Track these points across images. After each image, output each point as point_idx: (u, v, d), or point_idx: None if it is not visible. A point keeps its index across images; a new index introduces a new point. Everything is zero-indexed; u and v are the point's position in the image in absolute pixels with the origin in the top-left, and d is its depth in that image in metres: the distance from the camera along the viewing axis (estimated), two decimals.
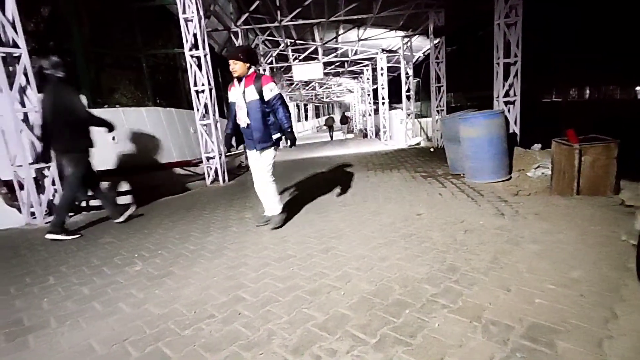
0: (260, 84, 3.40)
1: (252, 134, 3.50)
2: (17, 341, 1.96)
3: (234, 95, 3.53)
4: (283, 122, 3.45)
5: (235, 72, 3.40)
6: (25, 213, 4.85)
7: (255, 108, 3.42)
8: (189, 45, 6.91)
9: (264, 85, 3.40)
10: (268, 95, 3.40)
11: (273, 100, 3.41)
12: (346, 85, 28.93)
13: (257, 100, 3.40)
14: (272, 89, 3.40)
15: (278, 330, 1.82)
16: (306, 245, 3.13)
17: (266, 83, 3.41)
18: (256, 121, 3.44)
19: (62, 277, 2.88)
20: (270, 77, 3.48)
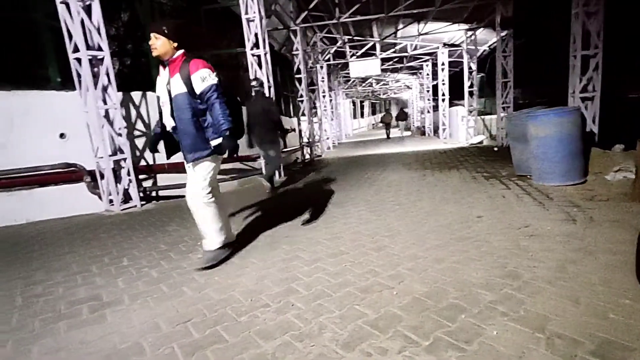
0: (187, 71, 2.56)
1: (180, 141, 2.72)
2: (96, 314, 2.19)
3: (158, 87, 2.74)
4: (219, 122, 2.54)
5: (155, 49, 2.60)
6: (105, 200, 5.38)
7: (182, 105, 2.60)
8: (250, 44, 7.18)
9: (192, 73, 2.55)
10: (199, 86, 2.55)
11: (206, 92, 2.55)
12: (404, 82, 28.23)
13: (185, 94, 2.57)
14: (204, 78, 2.55)
15: (329, 324, 1.85)
16: (359, 242, 3.13)
17: (196, 70, 2.54)
18: (184, 122, 2.62)
19: (135, 259, 3.16)
20: (202, 61, 2.61)
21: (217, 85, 2.57)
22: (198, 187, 2.71)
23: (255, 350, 1.68)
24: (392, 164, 8.81)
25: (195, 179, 2.72)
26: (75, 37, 4.89)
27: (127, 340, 1.86)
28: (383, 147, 14.71)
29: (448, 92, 15.80)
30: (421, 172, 6.84)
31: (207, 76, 2.56)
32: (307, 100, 11.13)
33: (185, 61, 2.59)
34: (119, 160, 5.36)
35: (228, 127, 2.55)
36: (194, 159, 2.67)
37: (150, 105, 6.21)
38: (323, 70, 15.58)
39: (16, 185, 4.99)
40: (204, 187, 2.71)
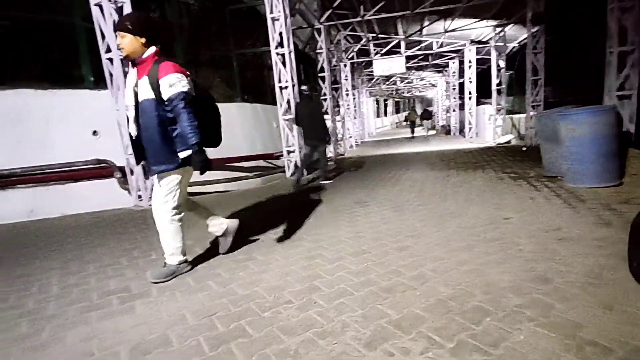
0: (156, 74, 2.31)
1: (145, 150, 2.48)
2: (126, 305, 2.28)
3: (127, 90, 2.51)
4: (187, 134, 2.29)
5: (122, 49, 2.39)
6: (134, 196, 5.56)
7: (148, 112, 2.36)
8: (274, 43, 7.24)
9: (160, 78, 2.29)
10: (166, 92, 2.30)
11: (173, 100, 2.29)
12: (429, 80, 27.77)
13: (152, 101, 2.34)
14: (172, 83, 2.29)
15: (351, 323, 1.86)
16: (381, 242, 3.11)
17: (165, 74, 2.29)
18: (150, 131, 2.39)
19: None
20: (174, 64, 2.36)
21: (185, 94, 2.31)
22: (162, 201, 2.51)
23: (278, 345, 1.71)
24: (416, 163, 8.70)
25: (160, 193, 2.51)
26: (107, 38, 5.07)
27: (155, 331, 1.92)
28: (407, 146, 14.54)
29: (475, 90, 15.44)
30: (445, 172, 6.72)
31: (176, 82, 2.29)
32: (330, 99, 11.12)
33: (156, 62, 2.35)
34: None
35: (196, 140, 2.29)
36: (159, 172, 2.46)
37: None
38: (347, 68, 15.53)
39: (52, 180, 5.24)
40: (169, 202, 2.51)
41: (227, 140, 7.36)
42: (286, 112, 7.51)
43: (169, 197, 2.51)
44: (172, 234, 2.59)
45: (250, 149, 7.85)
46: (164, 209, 2.53)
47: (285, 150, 7.69)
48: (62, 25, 5.89)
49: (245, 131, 7.85)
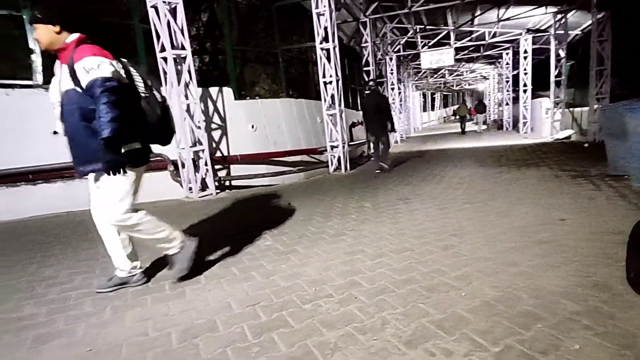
0: (72, 60, 2.04)
1: (70, 149, 2.24)
2: (177, 290, 2.42)
3: (51, 85, 2.22)
4: (99, 125, 1.96)
5: (40, 43, 2.15)
6: (185, 188, 5.87)
7: (69, 104, 2.11)
8: (319, 38, 7.27)
9: (76, 62, 2.02)
10: (84, 79, 2.01)
11: (91, 88, 1.99)
12: (480, 72, 26.50)
13: (73, 91, 2.08)
14: (89, 68, 1.99)
15: (392, 320, 1.84)
16: (425, 240, 3.04)
17: (80, 58, 2.02)
18: (73, 127, 2.14)
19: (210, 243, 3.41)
20: (93, 47, 2.10)
21: (106, 79, 1.98)
22: (103, 205, 2.25)
23: (318, 337, 1.74)
24: (464, 159, 8.38)
25: (100, 196, 2.25)
26: (162, 38, 5.37)
27: (202, 316, 2.03)
28: (454, 142, 14.02)
29: (530, 83, 14.52)
30: (496, 169, 6.41)
31: (93, 66, 1.99)
32: None
33: (75, 49, 2.08)
34: (198, 151, 5.81)
35: (107, 134, 1.94)
36: (86, 173, 2.21)
37: (225, 99, 6.62)
38: (392, 62, 15.23)
39: None
40: (113, 206, 2.21)
41: (272, 135, 7.54)
42: (330, 107, 7.53)
43: (113, 201, 2.20)
44: (116, 241, 2.35)
45: (294, 144, 7.96)
46: (106, 213, 2.24)
47: (329, 145, 7.72)
48: (123, 27, 6.30)
49: (290, 126, 7.97)
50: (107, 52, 2.14)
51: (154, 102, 2.28)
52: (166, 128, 2.40)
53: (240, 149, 6.83)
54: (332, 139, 7.70)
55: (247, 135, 7.02)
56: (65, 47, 2.12)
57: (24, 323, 2.08)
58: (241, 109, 6.98)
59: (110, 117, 1.95)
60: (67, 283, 2.65)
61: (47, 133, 5.19)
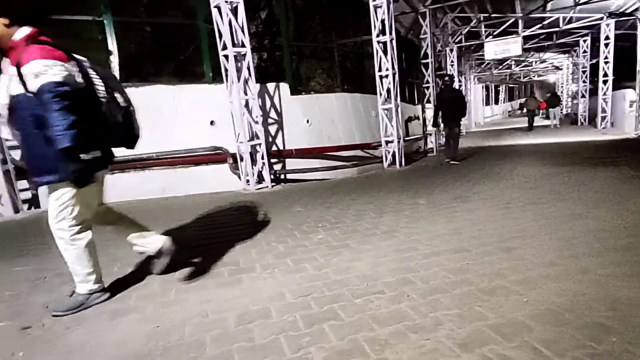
0: (20, 62, 1.83)
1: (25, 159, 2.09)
2: (235, 277, 2.55)
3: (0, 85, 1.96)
4: (54, 135, 1.79)
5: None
6: (243, 180, 6.13)
7: (19, 109, 1.89)
8: (376, 31, 7.16)
9: (24, 65, 1.80)
10: (33, 83, 1.80)
11: (41, 93, 1.79)
12: (552, 62, 24.41)
13: (23, 95, 1.85)
14: (38, 73, 1.78)
15: (446, 321, 1.79)
16: (483, 240, 2.90)
17: (27, 60, 1.80)
18: (25, 133, 1.94)
19: (265, 234, 3.54)
20: (43, 48, 1.85)
21: (56, 83, 1.79)
22: (55, 219, 2.05)
23: (369, 333, 1.74)
24: (530, 156, 7.81)
25: (51, 208, 2.04)
26: (224, 36, 5.61)
27: (257, 303, 2.12)
28: (520, 138, 13.11)
29: (612, 73, 13.10)
30: (567, 168, 5.90)
31: (42, 71, 1.78)
32: (433, 87, 10.60)
33: (25, 47, 1.86)
34: (255, 145, 6.02)
35: (65, 144, 1.79)
36: (41, 184, 2.01)
37: (282, 95, 6.78)
38: (453, 53, 14.57)
39: (178, 164, 6.06)
40: (64, 220, 2.04)
41: (326, 130, 7.59)
42: (385, 101, 7.40)
43: (63, 213, 2.03)
44: (74, 258, 2.11)
45: (348, 139, 7.95)
46: (59, 228, 2.06)
47: (384, 140, 7.61)
48: (189, 27, 6.69)
49: (344, 121, 7.96)
50: (61, 52, 1.91)
51: (114, 106, 2.10)
52: (129, 134, 2.24)
53: (295, 143, 6.97)
54: (387, 134, 7.57)
55: (302, 130, 7.14)
56: (14, 45, 1.88)
57: None
58: (297, 104, 7.11)
59: (67, 124, 1.79)
60: (138, 265, 2.89)
61: None
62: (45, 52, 1.84)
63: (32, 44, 1.86)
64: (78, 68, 1.95)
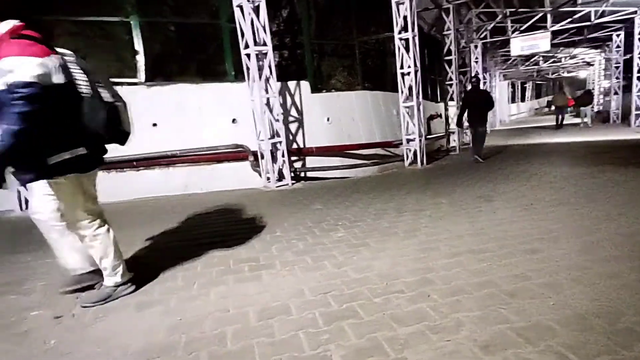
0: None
1: None
2: (255, 273, 2.58)
3: None
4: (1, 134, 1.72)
5: None
6: (263, 178, 6.19)
7: (2, 105, 1.78)
8: (398, 28, 7.08)
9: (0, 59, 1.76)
10: (3, 80, 1.74)
11: (5, 92, 1.73)
12: (583, 57, 23.45)
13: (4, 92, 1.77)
14: (8, 70, 1.73)
15: (467, 323, 1.76)
16: (507, 242, 2.83)
17: (4, 55, 1.76)
18: None
19: (285, 231, 3.57)
20: (20, 42, 1.81)
21: (24, 84, 1.73)
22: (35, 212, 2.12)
23: (388, 332, 1.73)
24: (558, 155, 7.56)
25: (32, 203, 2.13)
26: (246, 35, 5.68)
27: (277, 299, 2.14)
28: (548, 136, 12.69)
29: None
30: (598, 168, 5.67)
31: (12, 68, 1.73)
32: (456, 84, 10.39)
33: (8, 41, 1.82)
34: (276, 143, 6.07)
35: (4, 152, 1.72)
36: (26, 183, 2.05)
37: (303, 93, 6.80)
38: (477, 49, 14.23)
39: (201, 161, 6.18)
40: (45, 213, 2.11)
41: (347, 128, 7.56)
42: (407, 99, 7.31)
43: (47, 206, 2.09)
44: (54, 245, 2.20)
45: (368, 137, 7.90)
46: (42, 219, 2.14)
47: (405, 138, 7.53)
48: (212, 27, 6.79)
49: (365, 119, 7.91)
50: (41, 46, 1.85)
51: (97, 103, 2.03)
52: (115, 130, 2.16)
53: (316, 141, 6.98)
54: (409, 132, 7.48)
55: (323, 128, 7.14)
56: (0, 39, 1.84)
57: None
58: (317, 102, 7.11)
59: (9, 132, 1.71)
60: (161, 260, 2.97)
61: (149, 125, 5.85)
62: (21, 47, 1.79)
63: (15, 38, 1.82)
64: (59, 63, 1.88)
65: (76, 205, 2.13)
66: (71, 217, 2.15)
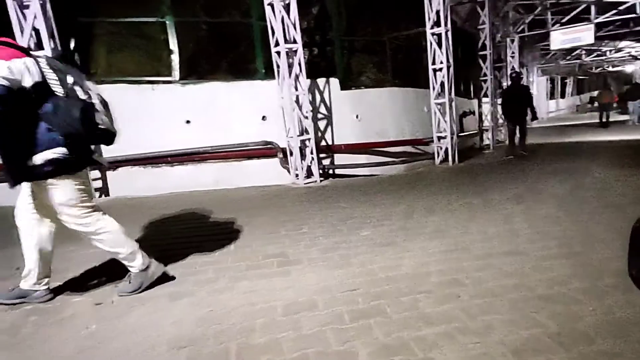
0: None
1: None
2: (282, 268, 2.62)
3: None
4: None
5: None
6: (292, 174, 6.24)
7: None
8: (430, 23, 6.92)
9: None
10: None
11: None
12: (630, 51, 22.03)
13: None
14: None
15: (498, 326, 1.71)
16: (543, 244, 2.72)
17: None
18: None
19: (312, 228, 3.58)
20: None
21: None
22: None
23: (416, 332, 1.71)
24: (602, 154, 7.16)
25: None
26: (276, 33, 5.73)
27: (304, 295, 2.16)
28: (591, 134, 12.01)
29: None
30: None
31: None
32: (491, 80, 10.04)
33: None
34: (305, 140, 6.10)
35: None
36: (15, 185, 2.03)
37: (332, 90, 6.80)
38: (514, 44, 13.66)
39: (231, 157, 6.31)
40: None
41: (376, 125, 7.49)
42: (439, 96, 7.15)
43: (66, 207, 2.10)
44: None
45: (398, 134, 7.78)
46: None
47: (436, 136, 7.37)
48: (243, 25, 6.90)
49: (394, 116, 7.80)
50: (12, 50, 1.91)
51: (71, 102, 2.00)
52: (95, 128, 2.09)
53: (344, 139, 6.96)
54: (440, 130, 7.32)
55: (351, 125, 7.10)
56: None
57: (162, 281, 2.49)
58: (346, 99, 7.08)
59: None
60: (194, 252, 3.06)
61: (182, 122, 6.04)
62: None
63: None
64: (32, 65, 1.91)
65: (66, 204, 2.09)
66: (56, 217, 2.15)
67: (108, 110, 2.20)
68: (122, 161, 5.77)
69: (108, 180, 5.79)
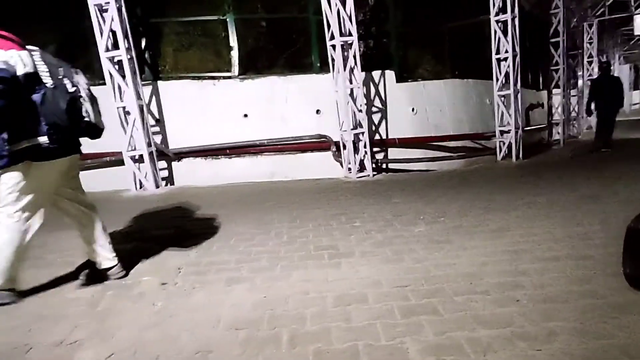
0: None
1: None
2: (334, 260, 2.66)
3: None
4: None
5: None
6: (345, 168, 6.26)
7: None
8: (495, 9, 6.52)
9: None
10: None
11: None
12: None
13: None
14: None
15: (561, 333, 1.60)
16: (617, 249, 2.46)
17: None
18: None
19: (364, 222, 3.58)
20: None
21: None
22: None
23: (470, 333, 1.66)
24: None
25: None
26: (332, 26, 5.74)
27: (355, 287, 2.18)
28: None
29: None
30: None
31: None
32: (563, 69, 9.24)
33: None
34: (358, 134, 6.08)
35: None
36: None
37: (387, 82, 6.68)
38: (592, 29, 12.42)
39: (287, 150, 6.47)
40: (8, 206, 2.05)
41: (433, 118, 7.25)
42: (503, 87, 6.73)
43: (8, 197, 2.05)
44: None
45: (457, 128, 7.46)
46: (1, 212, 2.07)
47: (499, 130, 6.96)
48: (299, 20, 7.00)
49: (453, 109, 7.47)
50: (6, 42, 1.97)
51: (58, 94, 2.02)
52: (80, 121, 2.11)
53: (399, 132, 6.82)
54: (503, 123, 6.90)
55: (407, 119, 6.94)
56: None
57: (220, 266, 2.65)
58: (402, 92, 6.92)
59: None
60: (250, 240, 3.20)
61: (240, 116, 6.30)
62: None
63: None
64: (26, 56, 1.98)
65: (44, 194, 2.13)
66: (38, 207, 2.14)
67: (96, 105, 2.23)
68: (185, 153, 6.17)
69: (173, 170, 6.22)
